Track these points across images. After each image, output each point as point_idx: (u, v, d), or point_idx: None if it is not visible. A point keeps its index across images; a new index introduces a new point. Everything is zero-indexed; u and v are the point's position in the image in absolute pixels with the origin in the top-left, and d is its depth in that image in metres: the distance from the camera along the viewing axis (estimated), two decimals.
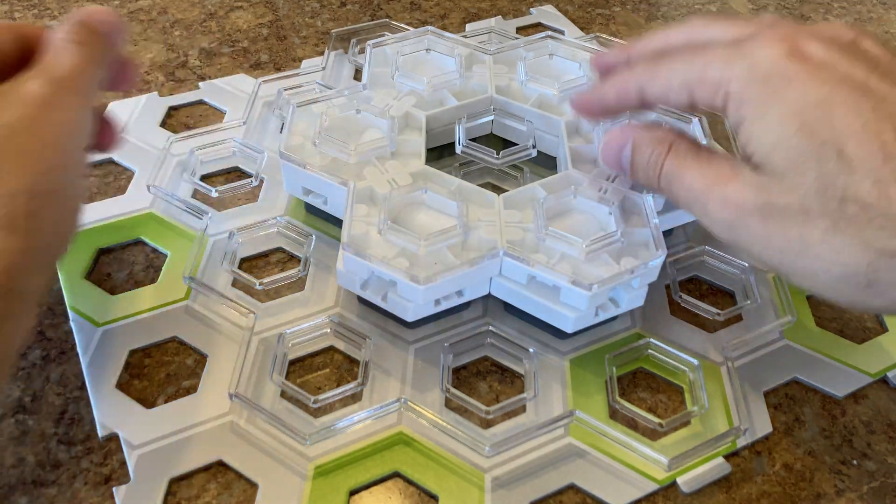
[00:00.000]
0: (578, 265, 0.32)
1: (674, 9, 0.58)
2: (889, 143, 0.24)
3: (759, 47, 0.27)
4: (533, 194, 0.35)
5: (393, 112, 0.38)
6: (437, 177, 0.36)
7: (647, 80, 0.30)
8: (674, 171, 0.30)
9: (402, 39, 0.44)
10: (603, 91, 0.33)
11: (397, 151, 0.37)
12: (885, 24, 0.58)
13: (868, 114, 0.25)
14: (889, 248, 0.24)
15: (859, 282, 0.25)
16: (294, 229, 0.39)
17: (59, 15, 0.53)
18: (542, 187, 0.35)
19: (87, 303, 0.36)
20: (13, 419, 0.32)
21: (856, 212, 0.24)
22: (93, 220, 0.39)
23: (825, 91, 0.25)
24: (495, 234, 0.33)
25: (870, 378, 0.35)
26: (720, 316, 0.36)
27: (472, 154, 0.38)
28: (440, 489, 0.30)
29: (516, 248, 0.32)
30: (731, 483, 0.31)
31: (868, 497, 0.31)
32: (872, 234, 0.24)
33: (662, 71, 0.30)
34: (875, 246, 0.24)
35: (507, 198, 0.35)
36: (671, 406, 0.34)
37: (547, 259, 0.32)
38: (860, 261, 0.25)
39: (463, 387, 0.34)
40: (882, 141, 0.24)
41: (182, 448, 0.31)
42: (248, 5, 0.56)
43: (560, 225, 0.34)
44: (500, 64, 0.43)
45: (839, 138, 0.25)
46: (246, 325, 0.35)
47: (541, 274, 0.32)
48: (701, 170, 0.29)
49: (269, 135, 0.45)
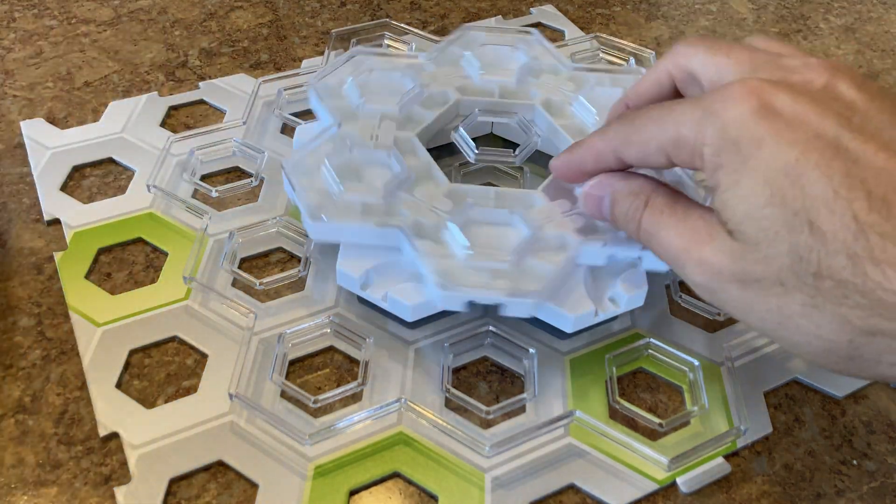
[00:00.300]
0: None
1: (674, 8, 0.58)
2: (862, 212, 0.23)
3: (729, 106, 0.25)
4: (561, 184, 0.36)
5: (383, 141, 0.37)
6: (470, 191, 0.36)
7: (622, 145, 0.29)
8: (651, 228, 0.29)
9: (336, 68, 0.42)
10: (581, 157, 0.31)
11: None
12: (885, 24, 0.59)
13: (839, 179, 0.23)
14: (867, 326, 0.23)
15: (842, 355, 0.24)
16: (294, 229, 0.39)
17: (59, 15, 0.54)
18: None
19: (87, 303, 0.36)
20: (13, 419, 0.32)
21: (831, 287, 0.23)
22: (93, 220, 0.39)
23: (795, 154, 0.24)
24: (559, 228, 0.34)
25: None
26: (720, 316, 0.36)
27: (488, 159, 0.39)
28: (440, 489, 0.30)
29: (584, 234, 0.33)
30: (731, 483, 0.31)
31: (868, 497, 0.31)
32: (850, 312, 0.23)
33: (635, 136, 0.29)
34: (854, 324, 0.23)
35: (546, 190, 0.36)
36: (671, 406, 0.34)
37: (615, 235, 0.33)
38: (841, 337, 0.24)
39: (463, 387, 0.34)
40: (854, 211, 0.23)
41: (182, 448, 0.31)
42: (248, 5, 0.56)
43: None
44: (443, 66, 0.43)
45: (810, 208, 0.23)
46: (246, 325, 0.35)
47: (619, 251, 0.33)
48: (677, 228, 0.28)
49: (269, 135, 0.45)
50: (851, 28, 0.58)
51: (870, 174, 0.23)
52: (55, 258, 0.37)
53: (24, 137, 0.44)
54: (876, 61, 0.55)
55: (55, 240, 0.39)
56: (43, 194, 0.40)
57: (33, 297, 0.36)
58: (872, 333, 0.23)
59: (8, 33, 0.52)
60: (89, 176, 0.42)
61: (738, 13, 0.59)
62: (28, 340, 0.35)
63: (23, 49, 0.50)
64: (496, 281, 0.32)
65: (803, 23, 0.58)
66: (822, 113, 0.24)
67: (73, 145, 0.43)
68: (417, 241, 0.33)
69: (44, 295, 0.36)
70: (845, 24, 0.58)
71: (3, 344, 0.34)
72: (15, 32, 0.52)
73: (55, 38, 0.51)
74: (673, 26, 0.56)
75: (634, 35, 0.55)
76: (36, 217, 0.40)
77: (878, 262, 0.22)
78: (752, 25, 0.57)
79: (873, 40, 0.57)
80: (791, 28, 0.58)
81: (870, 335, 0.23)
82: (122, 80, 0.48)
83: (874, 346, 0.23)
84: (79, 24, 0.53)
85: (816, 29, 0.58)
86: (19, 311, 0.36)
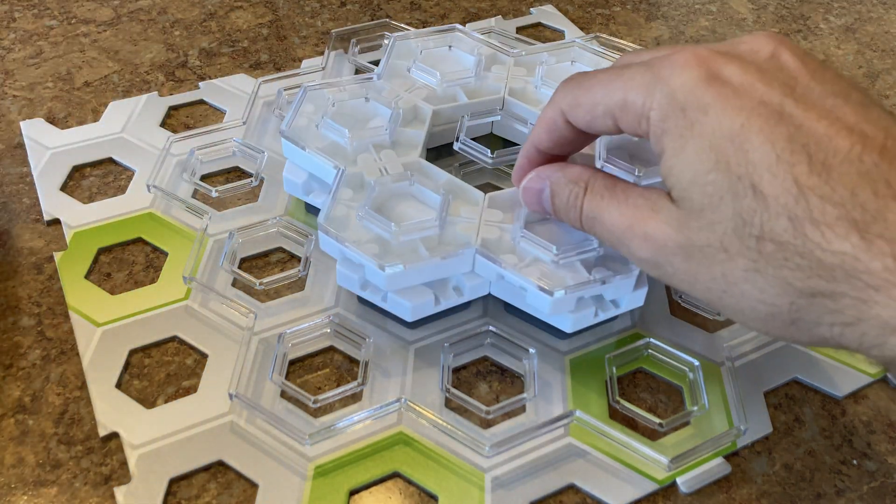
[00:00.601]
0: (548, 270, 0.32)
1: (674, 8, 0.58)
2: (802, 176, 0.23)
3: (677, 73, 0.26)
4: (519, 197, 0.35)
5: (402, 103, 0.38)
6: (429, 170, 0.36)
7: (570, 107, 0.29)
8: (593, 211, 0.29)
9: (428, 35, 0.44)
10: (532, 139, 0.31)
11: (396, 142, 0.37)
12: (885, 24, 0.58)
13: (782, 144, 0.24)
14: (807, 287, 0.23)
15: (784, 320, 0.25)
16: (294, 229, 0.39)
17: (59, 15, 0.54)
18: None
19: (87, 303, 0.36)
20: (13, 419, 0.32)
21: (773, 250, 0.24)
22: (93, 220, 0.39)
23: (741, 120, 0.24)
24: (472, 231, 0.33)
25: (870, 378, 0.35)
26: (720, 316, 0.36)
27: (468, 151, 0.38)
28: (440, 489, 0.30)
29: (489, 247, 0.32)
30: (731, 483, 0.31)
31: (868, 497, 0.31)
32: (791, 274, 0.23)
33: (583, 98, 0.29)
34: (795, 286, 0.24)
35: (493, 197, 0.35)
36: (671, 406, 0.34)
37: (518, 261, 0.32)
38: (782, 301, 0.24)
39: (463, 387, 0.34)
40: (795, 175, 0.23)
41: (182, 448, 0.31)
42: (248, 5, 0.56)
43: (543, 231, 0.33)
44: (519, 66, 0.43)
45: (753, 173, 0.24)
46: (246, 325, 0.35)
47: (509, 274, 0.32)
48: (619, 209, 0.28)
49: (269, 135, 0.45)
50: (851, 28, 0.58)
51: (811, 140, 0.23)
52: (55, 258, 0.37)
53: (24, 137, 0.44)
54: (876, 61, 0.55)
55: (55, 240, 0.39)
56: (43, 194, 0.40)
57: (33, 297, 0.36)
58: (812, 295, 0.23)
59: (8, 33, 0.52)
60: (89, 176, 0.42)
61: (738, 13, 0.59)
62: (28, 340, 0.35)
63: (23, 49, 0.50)
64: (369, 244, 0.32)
65: (803, 23, 0.58)
66: (767, 82, 0.25)
67: (73, 145, 0.43)
68: (341, 187, 0.34)
69: (44, 295, 0.36)
70: (845, 24, 0.58)
71: (3, 344, 0.34)
72: (15, 32, 0.52)
73: (55, 38, 0.51)
74: (673, 26, 0.56)
75: (634, 35, 0.55)
76: (36, 217, 0.40)
77: (817, 223, 0.23)
78: (752, 25, 0.57)
79: (873, 40, 0.57)
80: (791, 28, 0.58)
81: (810, 297, 0.23)
82: (122, 80, 0.48)
83: (814, 308, 0.24)
84: (79, 24, 0.53)
85: (816, 29, 0.58)
86: (19, 311, 0.36)
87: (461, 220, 0.34)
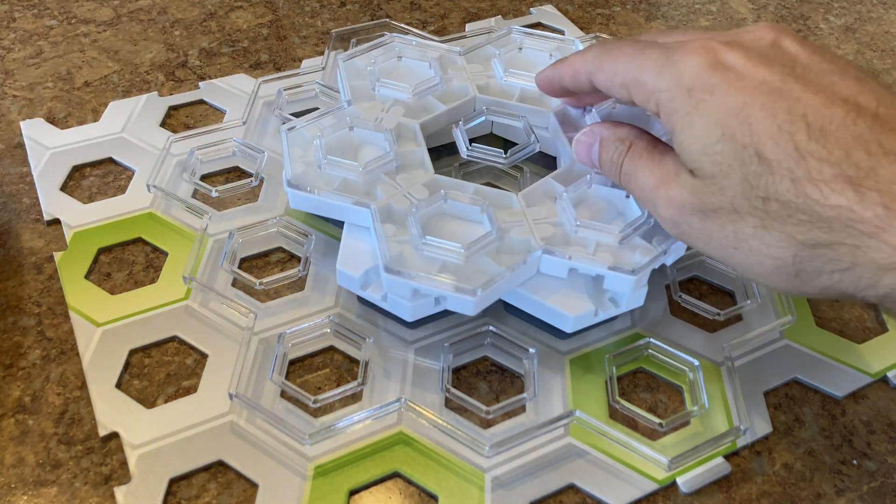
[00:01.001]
0: (616, 252, 0.33)
1: (674, 8, 0.58)
2: (802, 142, 0.26)
3: (686, 59, 0.28)
4: (549, 188, 0.36)
5: (386, 124, 0.38)
6: (451, 184, 0.36)
7: (595, 70, 0.32)
8: (630, 169, 0.32)
9: (370, 49, 0.43)
10: (560, 72, 0.35)
11: (402, 164, 0.37)
12: (885, 23, 0.59)
13: (783, 115, 0.26)
14: (809, 239, 0.26)
15: (789, 272, 0.27)
16: (294, 229, 0.39)
17: (59, 15, 0.54)
18: (555, 180, 0.36)
19: (87, 303, 0.36)
20: (13, 419, 0.32)
21: (777, 209, 0.26)
22: (93, 220, 0.39)
23: (743, 98, 0.27)
24: (527, 233, 0.33)
25: (870, 378, 0.35)
26: (720, 316, 0.36)
27: (479, 157, 0.38)
28: (440, 489, 0.30)
29: (552, 244, 0.33)
30: (731, 483, 0.31)
31: (868, 497, 0.31)
32: (794, 229, 0.26)
33: (607, 65, 0.32)
34: (798, 239, 0.26)
35: (527, 195, 0.35)
36: (671, 406, 0.34)
37: (584, 250, 0.33)
38: (787, 253, 0.27)
39: (463, 387, 0.34)
40: (795, 141, 0.26)
41: (182, 448, 0.31)
42: (248, 5, 0.56)
43: (584, 215, 0.34)
44: (473, 63, 0.43)
45: (758, 142, 0.26)
46: (246, 325, 0.35)
47: (582, 265, 0.32)
48: (651, 169, 0.31)
49: (269, 135, 0.45)
50: (851, 28, 0.58)
51: (809, 110, 0.26)
52: (55, 258, 0.37)
53: (24, 137, 0.44)
54: (876, 61, 0.55)
55: (55, 240, 0.39)
56: (43, 194, 0.40)
57: (33, 297, 0.36)
58: (813, 246, 0.26)
59: (8, 33, 0.52)
60: (89, 176, 0.42)
61: (738, 13, 0.59)
62: (28, 340, 0.35)
63: (23, 49, 0.50)
64: (442, 273, 0.32)
65: (803, 23, 0.58)
66: (768, 65, 0.27)
67: (73, 145, 0.43)
68: (381, 224, 0.33)
69: (44, 295, 0.36)
70: (845, 24, 0.58)
71: (3, 344, 0.34)
72: (15, 32, 0.52)
73: (55, 38, 0.51)
74: (673, 26, 0.56)
75: (634, 35, 0.55)
76: (36, 217, 0.40)
77: (815, 182, 0.25)
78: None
79: (873, 40, 0.57)
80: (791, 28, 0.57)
81: (811, 248, 0.26)
82: (122, 80, 0.48)
83: (815, 258, 0.26)
84: (79, 24, 0.53)
85: (816, 29, 0.58)
86: (19, 310, 0.36)
87: (511, 224, 0.34)
